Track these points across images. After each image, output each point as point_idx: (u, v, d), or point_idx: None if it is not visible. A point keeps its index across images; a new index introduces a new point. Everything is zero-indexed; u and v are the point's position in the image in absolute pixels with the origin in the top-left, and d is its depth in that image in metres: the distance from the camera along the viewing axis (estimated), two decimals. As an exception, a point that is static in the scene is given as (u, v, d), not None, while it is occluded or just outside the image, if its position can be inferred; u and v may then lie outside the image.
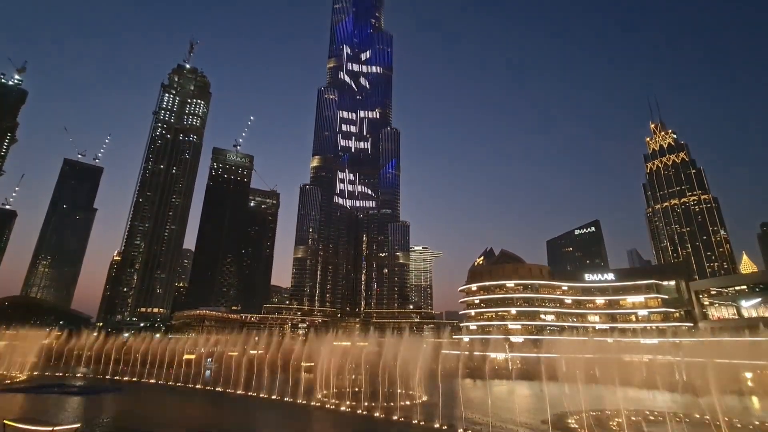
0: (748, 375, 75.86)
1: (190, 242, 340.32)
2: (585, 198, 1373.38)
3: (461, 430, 40.15)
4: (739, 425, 39.87)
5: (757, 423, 37.89)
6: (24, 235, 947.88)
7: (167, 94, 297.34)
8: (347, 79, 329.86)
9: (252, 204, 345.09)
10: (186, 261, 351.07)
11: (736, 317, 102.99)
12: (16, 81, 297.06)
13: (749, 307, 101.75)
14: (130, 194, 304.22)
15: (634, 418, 41.14)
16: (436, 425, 41.93)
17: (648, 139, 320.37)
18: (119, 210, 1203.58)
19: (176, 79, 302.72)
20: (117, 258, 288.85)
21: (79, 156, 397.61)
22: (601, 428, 38.02)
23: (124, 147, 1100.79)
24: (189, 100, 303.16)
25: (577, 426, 41.52)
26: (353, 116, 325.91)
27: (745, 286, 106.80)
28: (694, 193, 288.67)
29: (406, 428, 41.92)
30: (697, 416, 41.53)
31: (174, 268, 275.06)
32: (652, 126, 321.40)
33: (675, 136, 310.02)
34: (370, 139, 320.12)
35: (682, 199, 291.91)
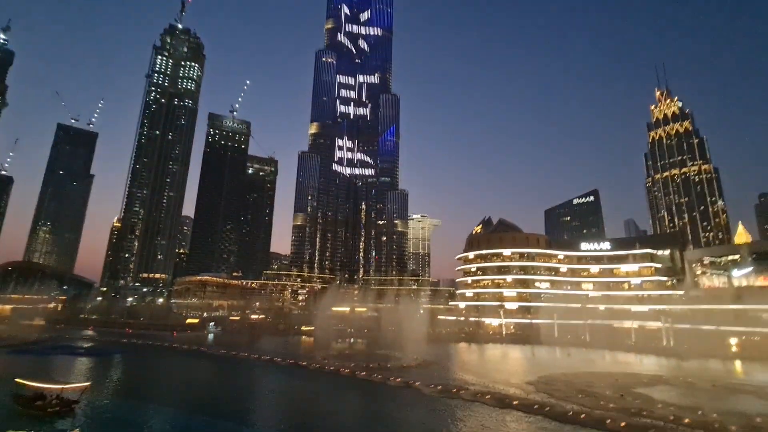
0: (733, 341, 78.67)
1: (189, 209, 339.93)
2: (585, 168, 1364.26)
3: (455, 390, 41.94)
4: (720, 387, 41.75)
5: (735, 383, 39.72)
6: (22, 201, 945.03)
7: (160, 57, 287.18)
8: (346, 41, 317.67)
9: (250, 171, 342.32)
10: (186, 228, 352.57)
11: (727, 286, 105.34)
12: (1, 41, 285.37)
13: (740, 277, 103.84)
14: (127, 160, 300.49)
15: (619, 381, 42.95)
16: (431, 386, 43.76)
17: (652, 107, 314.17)
18: (117, 176, 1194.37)
19: (168, 41, 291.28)
20: (117, 225, 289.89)
21: (73, 121, 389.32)
22: (587, 390, 39.82)
23: (119, 112, 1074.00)
24: (182, 63, 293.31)
25: (564, 387, 43.40)
26: (352, 81, 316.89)
27: (737, 256, 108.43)
28: (695, 163, 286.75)
29: (402, 389, 43.75)
30: (681, 379, 43.40)
31: (174, 234, 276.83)
32: (658, 93, 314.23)
33: (680, 104, 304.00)
34: (369, 105, 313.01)
35: (683, 170, 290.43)
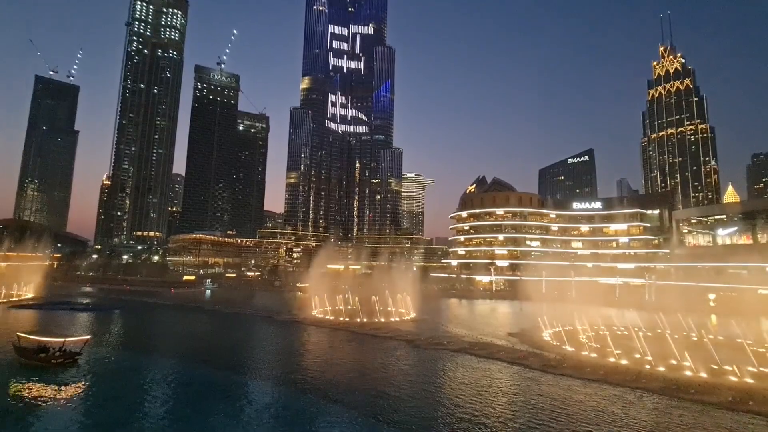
0: (712, 296, 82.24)
1: (179, 167, 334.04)
2: (582, 127, 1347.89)
3: (445, 342, 44.01)
4: (695, 339, 44.19)
5: (711, 338, 42.04)
6: (6, 156, 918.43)
7: (140, 2, 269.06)
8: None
9: (241, 128, 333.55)
10: (177, 186, 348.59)
11: (711, 245, 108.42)
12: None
13: (724, 236, 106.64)
14: (112, 116, 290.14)
15: (600, 332, 45.21)
16: (423, 338, 45.83)
17: (655, 63, 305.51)
18: (102, 132, 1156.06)
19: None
20: (107, 182, 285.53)
21: (51, 73, 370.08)
22: (568, 340, 41.98)
23: (99, 63, 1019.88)
24: (164, 10, 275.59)
25: (550, 338, 45.69)
26: (345, 32, 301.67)
27: (723, 216, 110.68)
28: (693, 122, 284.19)
29: (394, 341, 45.74)
30: (659, 331, 45.81)
31: (165, 192, 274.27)
32: (661, 48, 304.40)
33: (683, 60, 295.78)
34: (363, 58, 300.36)
35: (680, 129, 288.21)
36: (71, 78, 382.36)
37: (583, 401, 26.09)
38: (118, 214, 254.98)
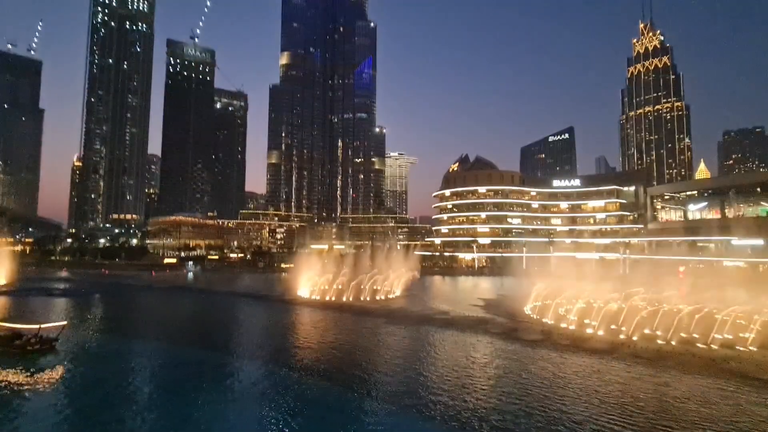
0: (681, 269, 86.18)
1: (155, 147, 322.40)
2: (563, 106, 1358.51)
3: (429, 317, 45.07)
4: (665, 309, 46.57)
5: (681, 308, 44.30)
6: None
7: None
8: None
9: (218, 106, 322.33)
10: (153, 167, 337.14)
11: (682, 220, 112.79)
12: None
13: (695, 211, 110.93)
14: (80, 93, 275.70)
15: (574, 303, 47.17)
16: (407, 314, 46.77)
17: (634, 40, 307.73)
18: (70, 111, 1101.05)
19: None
20: (78, 164, 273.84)
21: (9, 46, 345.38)
22: (546, 313, 43.67)
23: (63, 36, 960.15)
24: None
25: (530, 313, 47.29)
26: (325, 5, 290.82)
27: (695, 192, 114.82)
28: (669, 100, 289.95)
29: (380, 317, 46.49)
30: (633, 303, 48.06)
31: (141, 173, 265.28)
32: (641, 26, 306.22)
33: (662, 38, 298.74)
34: (344, 33, 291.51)
35: (656, 107, 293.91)
36: (32, 52, 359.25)
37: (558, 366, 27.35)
38: (92, 196, 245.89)
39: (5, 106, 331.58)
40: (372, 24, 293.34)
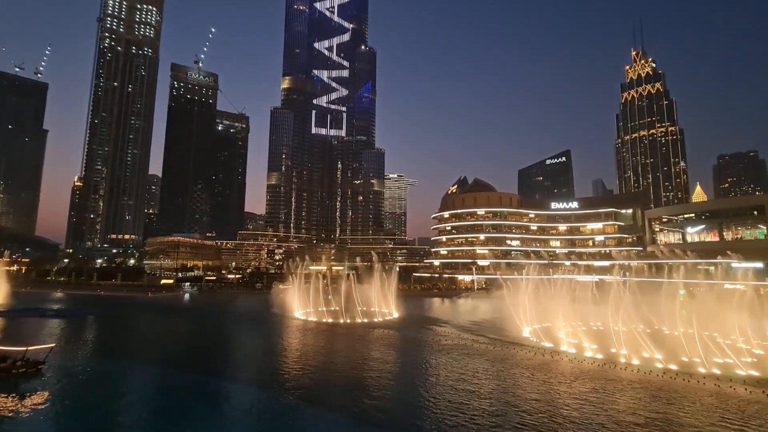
0: (681, 292, 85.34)
1: (156, 168, 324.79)
2: (560, 129, 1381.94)
3: (429, 338, 44.25)
4: (666, 333, 45.85)
5: (682, 330, 43.63)
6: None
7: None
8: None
9: (220, 128, 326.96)
10: (154, 187, 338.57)
11: (681, 242, 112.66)
12: None
13: (693, 233, 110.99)
14: (83, 115, 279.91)
15: (572, 327, 46.46)
16: (406, 334, 45.93)
17: (627, 67, 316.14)
18: (73, 132, 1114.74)
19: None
20: (78, 184, 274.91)
21: (17, 69, 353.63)
22: (546, 336, 42.92)
23: (70, 60, 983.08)
24: (138, 6, 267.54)
25: (529, 335, 46.51)
26: (326, 32, 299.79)
27: (692, 214, 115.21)
28: (663, 124, 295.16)
29: (380, 339, 45.66)
30: (633, 326, 47.38)
31: (141, 194, 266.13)
32: (634, 53, 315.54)
33: (654, 65, 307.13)
34: (345, 58, 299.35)
35: (651, 131, 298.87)
36: (39, 75, 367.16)
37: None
38: (91, 216, 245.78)
39: (9, 126, 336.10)
40: (371, 49, 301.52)
